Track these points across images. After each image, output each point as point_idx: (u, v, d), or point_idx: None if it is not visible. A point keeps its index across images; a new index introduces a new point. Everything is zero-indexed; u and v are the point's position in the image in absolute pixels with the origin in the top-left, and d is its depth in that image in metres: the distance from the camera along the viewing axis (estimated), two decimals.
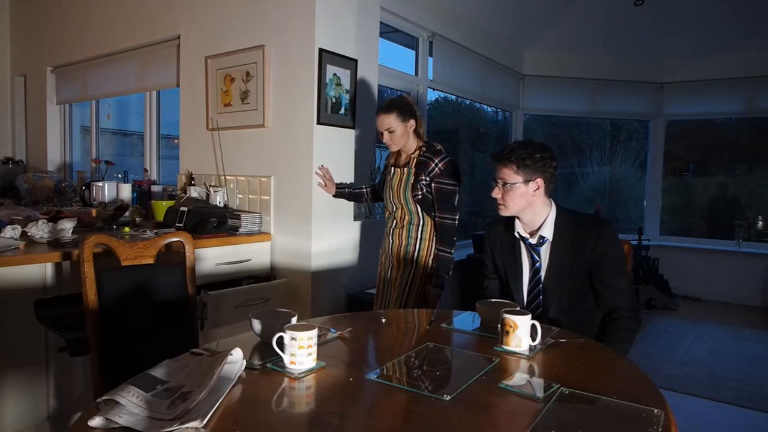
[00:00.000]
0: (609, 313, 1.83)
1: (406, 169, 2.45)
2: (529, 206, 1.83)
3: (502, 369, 1.28)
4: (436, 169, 2.38)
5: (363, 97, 3.14)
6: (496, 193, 1.85)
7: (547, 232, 1.85)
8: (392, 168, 2.52)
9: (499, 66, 5.65)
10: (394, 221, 2.52)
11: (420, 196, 2.40)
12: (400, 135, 2.41)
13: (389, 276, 2.53)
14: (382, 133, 2.43)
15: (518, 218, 1.89)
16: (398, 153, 2.53)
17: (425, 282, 2.46)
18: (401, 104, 2.43)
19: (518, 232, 1.89)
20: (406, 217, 2.46)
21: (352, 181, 3.03)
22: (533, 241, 1.87)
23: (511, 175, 1.80)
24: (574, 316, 1.83)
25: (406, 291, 2.46)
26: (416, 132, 2.46)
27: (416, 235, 2.46)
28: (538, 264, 1.87)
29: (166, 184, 3.79)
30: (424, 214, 2.44)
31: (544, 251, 1.86)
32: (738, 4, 5.13)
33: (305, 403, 1.12)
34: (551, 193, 1.87)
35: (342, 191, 2.83)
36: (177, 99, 3.52)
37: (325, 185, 2.79)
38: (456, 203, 2.43)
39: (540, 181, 1.81)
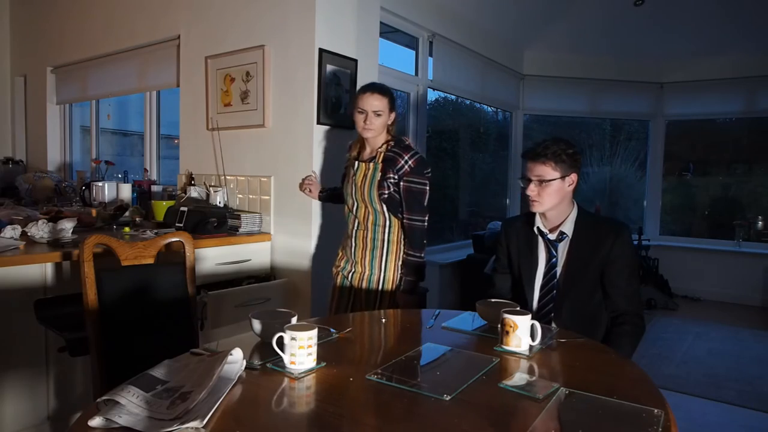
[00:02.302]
0: (615, 317, 1.85)
1: (372, 164, 2.21)
2: (561, 202, 1.86)
3: (502, 369, 1.28)
4: (406, 166, 2.16)
5: None
6: (532, 191, 1.84)
7: (568, 228, 1.88)
8: (356, 162, 2.29)
9: (499, 66, 5.65)
10: (356, 222, 2.28)
11: (386, 195, 2.18)
12: (382, 123, 2.20)
13: (351, 283, 2.30)
14: (364, 114, 2.17)
15: (541, 214, 1.90)
16: (362, 145, 2.31)
17: (398, 290, 2.25)
18: (393, 94, 2.27)
19: (538, 227, 1.91)
20: (370, 217, 2.23)
21: None
22: (553, 236, 1.89)
23: (548, 171, 1.81)
24: (583, 316, 1.85)
25: (378, 302, 2.24)
26: (388, 127, 2.28)
27: (383, 238, 2.23)
28: (554, 260, 1.89)
29: (166, 184, 3.79)
30: (391, 215, 2.22)
31: (562, 248, 1.89)
32: (738, 4, 5.13)
33: (305, 403, 1.12)
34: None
35: (323, 194, 2.68)
36: (177, 99, 3.52)
37: (310, 191, 2.68)
38: (426, 203, 2.21)
39: (574, 176, 1.85)
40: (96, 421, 0.95)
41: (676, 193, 6.69)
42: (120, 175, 4.07)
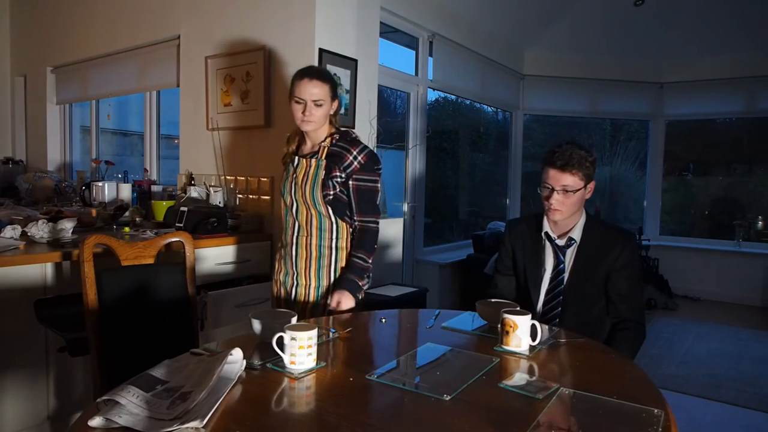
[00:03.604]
0: (617, 323, 1.86)
1: (314, 160, 1.93)
2: (578, 209, 1.85)
3: (502, 369, 1.28)
4: (355, 163, 1.90)
5: (363, 97, 3.14)
6: (556, 200, 1.79)
7: (576, 234, 1.87)
8: (295, 157, 1.99)
9: (499, 66, 5.65)
10: (297, 226, 1.96)
11: (332, 197, 1.91)
12: (323, 114, 1.90)
13: (295, 297, 1.99)
14: (302, 104, 1.87)
15: (548, 219, 1.90)
16: (302, 139, 2.02)
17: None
18: (334, 79, 1.97)
19: (546, 232, 1.90)
20: (314, 221, 1.93)
21: None
22: (561, 242, 1.88)
23: (576, 181, 1.79)
24: (587, 322, 1.85)
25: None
26: (330, 118, 1.97)
27: (331, 245, 1.93)
28: (562, 265, 1.88)
29: (166, 184, 3.79)
30: (337, 218, 1.93)
31: (570, 253, 1.88)
32: (738, 4, 5.13)
33: (305, 403, 1.12)
34: None
35: None
36: (177, 99, 3.52)
37: None
38: (378, 203, 1.98)
39: (593, 183, 1.84)
40: (96, 421, 0.95)
41: (676, 193, 6.69)
42: (120, 175, 4.07)
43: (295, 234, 1.97)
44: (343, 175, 1.91)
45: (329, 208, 1.92)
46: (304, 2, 2.75)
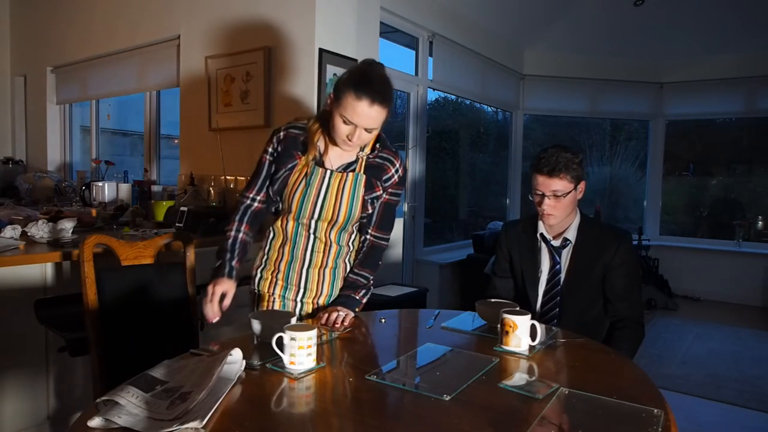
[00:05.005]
0: (615, 322, 1.86)
1: (350, 174, 1.62)
2: (572, 210, 1.86)
3: (502, 369, 1.28)
4: (395, 177, 1.67)
5: None
6: (548, 205, 1.80)
7: (571, 235, 1.88)
8: (321, 169, 1.63)
9: (499, 66, 5.65)
10: (313, 239, 1.69)
11: (366, 216, 1.69)
12: (372, 137, 1.61)
13: (302, 309, 1.75)
14: (351, 127, 1.52)
15: (543, 223, 1.90)
16: (325, 146, 1.67)
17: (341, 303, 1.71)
18: (393, 95, 1.61)
19: (542, 233, 1.91)
20: (333, 236, 1.69)
21: None
22: (557, 243, 1.89)
23: (565, 185, 1.79)
24: (586, 322, 1.85)
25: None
26: None
27: (345, 258, 1.74)
28: (558, 266, 1.88)
29: (166, 184, 3.79)
30: (357, 233, 1.76)
31: (566, 254, 1.88)
32: (738, 4, 5.13)
33: (305, 403, 1.12)
34: None
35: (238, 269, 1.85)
36: (177, 99, 3.52)
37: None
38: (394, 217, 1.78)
39: (583, 183, 1.85)
40: (95, 422, 0.95)
41: (676, 193, 6.69)
42: (120, 175, 4.07)
43: (310, 249, 1.70)
44: (380, 190, 1.67)
45: (355, 226, 1.72)
46: (304, 2, 2.75)
